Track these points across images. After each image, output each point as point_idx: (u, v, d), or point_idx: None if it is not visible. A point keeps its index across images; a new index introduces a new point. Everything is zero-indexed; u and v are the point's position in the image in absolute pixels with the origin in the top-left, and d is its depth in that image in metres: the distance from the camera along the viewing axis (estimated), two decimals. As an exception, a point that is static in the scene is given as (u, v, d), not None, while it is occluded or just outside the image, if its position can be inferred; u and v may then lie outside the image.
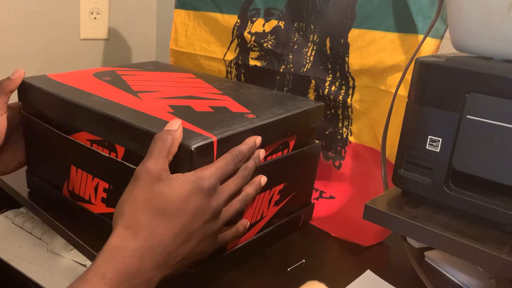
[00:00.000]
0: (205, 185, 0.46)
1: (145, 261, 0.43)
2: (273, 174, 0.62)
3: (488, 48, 0.52)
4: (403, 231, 0.58)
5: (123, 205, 0.46)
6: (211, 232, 0.48)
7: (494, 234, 0.50)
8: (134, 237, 0.43)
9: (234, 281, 0.59)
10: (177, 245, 0.45)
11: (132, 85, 0.68)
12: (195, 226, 0.46)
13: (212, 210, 0.47)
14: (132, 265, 0.42)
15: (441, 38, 0.70)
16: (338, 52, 0.79)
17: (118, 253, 0.42)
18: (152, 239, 0.44)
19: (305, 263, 0.63)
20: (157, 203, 0.45)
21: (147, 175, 0.46)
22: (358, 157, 0.82)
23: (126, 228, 0.44)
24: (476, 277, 0.61)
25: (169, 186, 0.45)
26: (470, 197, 0.52)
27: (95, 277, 0.40)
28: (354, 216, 0.72)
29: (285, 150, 0.63)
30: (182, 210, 0.45)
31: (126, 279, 0.41)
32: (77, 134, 0.61)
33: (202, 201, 0.46)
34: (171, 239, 0.44)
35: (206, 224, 0.47)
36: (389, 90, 0.75)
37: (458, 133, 0.51)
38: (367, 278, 0.61)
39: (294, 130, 0.64)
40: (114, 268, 0.41)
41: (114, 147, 0.57)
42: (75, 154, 0.62)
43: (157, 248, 0.44)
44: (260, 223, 0.63)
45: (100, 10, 1.19)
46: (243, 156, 0.51)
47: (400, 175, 0.57)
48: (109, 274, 0.41)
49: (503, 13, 0.48)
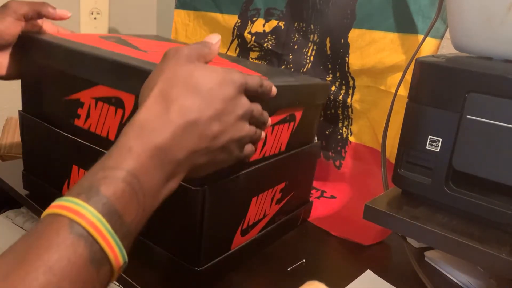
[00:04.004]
0: (236, 79, 0.43)
1: (176, 138, 0.39)
2: (276, 172, 0.62)
3: (488, 48, 0.52)
4: (403, 231, 0.58)
5: (152, 80, 0.41)
6: (240, 135, 0.44)
7: (494, 234, 0.50)
8: (165, 110, 0.39)
9: (234, 281, 0.59)
10: (211, 133, 0.41)
11: (138, 45, 0.67)
12: (228, 119, 0.42)
13: (244, 108, 0.44)
14: (162, 140, 0.38)
15: (441, 38, 0.70)
16: (338, 52, 0.79)
17: (146, 126, 0.38)
18: (184, 115, 0.39)
19: (305, 263, 0.63)
20: (190, 81, 0.41)
21: (178, 55, 0.42)
22: (358, 157, 0.83)
23: (156, 101, 0.39)
24: (476, 277, 0.61)
25: (201, 69, 0.42)
26: (470, 197, 0.52)
27: (121, 151, 0.36)
28: (355, 215, 0.73)
29: (291, 123, 0.63)
30: (216, 95, 0.41)
31: (155, 155, 0.37)
32: (82, 92, 0.60)
33: (235, 94, 0.42)
34: (204, 122, 0.40)
35: (237, 122, 0.43)
36: (389, 90, 0.75)
37: (458, 133, 0.51)
38: (367, 278, 0.61)
39: (302, 101, 0.64)
40: (143, 142, 0.37)
41: (122, 103, 0.55)
42: (77, 153, 0.62)
43: (189, 128, 0.39)
44: (263, 221, 0.64)
45: (100, 10, 1.19)
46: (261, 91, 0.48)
47: (400, 175, 0.57)
48: (137, 148, 0.36)
49: (503, 13, 0.48)
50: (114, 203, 0.34)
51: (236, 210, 0.58)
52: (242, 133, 0.44)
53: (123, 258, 0.34)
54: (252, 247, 0.63)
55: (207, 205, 0.51)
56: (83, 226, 0.31)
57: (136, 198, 0.35)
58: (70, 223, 0.31)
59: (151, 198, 0.37)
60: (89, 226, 0.32)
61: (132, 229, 0.35)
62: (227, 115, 0.42)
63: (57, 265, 0.30)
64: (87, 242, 0.31)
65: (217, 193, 0.52)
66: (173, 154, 0.39)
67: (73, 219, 0.32)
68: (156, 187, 0.38)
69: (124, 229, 0.34)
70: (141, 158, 0.36)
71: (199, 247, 0.53)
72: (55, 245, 0.30)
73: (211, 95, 0.41)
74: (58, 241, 0.31)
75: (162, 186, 0.39)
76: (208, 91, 0.41)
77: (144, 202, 0.36)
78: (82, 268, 0.31)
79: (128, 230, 0.35)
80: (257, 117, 0.47)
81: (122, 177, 0.35)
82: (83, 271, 0.31)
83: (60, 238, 0.31)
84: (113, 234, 0.33)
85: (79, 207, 0.32)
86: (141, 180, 0.36)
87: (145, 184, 0.36)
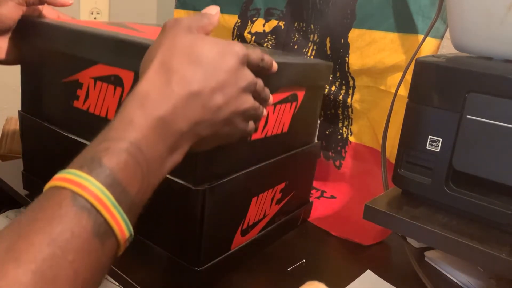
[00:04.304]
0: (239, 50, 0.42)
1: (178, 109, 0.38)
2: (276, 172, 0.62)
3: (488, 48, 0.52)
4: (403, 231, 0.58)
5: (152, 52, 0.40)
6: (244, 107, 0.43)
7: (494, 234, 0.50)
8: (166, 81, 0.38)
9: (234, 281, 0.59)
10: (214, 105, 0.40)
11: (137, 28, 0.67)
12: (232, 90, 0.41)
13: (247, 80, 0.43)
14: (164, 111, 0.37)
15: (441, 38, 0.70)
16: (338, 52, 0.79)
17: (147, 97, 0.37)
18: (186, 86, 0.38)
19: (305, 263, 0.63)
20: (191, 51, 0.40)
21: (178, 25, 0.41)
22: (358, 157, 0.83)
23: (156, 72, 0.39)
24: (476, 277, 0.61)
25: (202, 40, 0.41)
26: (470, 197, 0.52)
27: (123, 123, 0.36)
28: (355, 215, 0.73)
29: (293, 103, 0.63)
30: (218, 66, 0.40)
31: (157, 126, 0.36)
32: (81, 73, 0.59)
33: (237, 65, 0.41)
34: (207, 93, 0.39)
35: (241, 94, 0.42)
36: (389, 90, 0.75)
37: (458, 133, 0.51)
38: (367, 278, 0.61)
39: (304, 81, 0.64)
40: (144, 113, 0.36)
41: (120, 81, 0.55)
42: (77, 153, 0.62)
43: (191, 99, 0.38)
44: (263, 221, 0.64)
45: (100, 10, 1.19)
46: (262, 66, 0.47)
47: (400, 175, 0.57)
48: (139, 119, 0.36)
49: (503, 13, 0.48)
50: (117, 175, 0.33)
51: (236, 210, 0.58)
52: (246, 106, 0.43)
53: (128, 231, 0.34)
54: (252, 247, 0.63)
55: (207, 205, 0.51)
56: (86, 198, 0.31)
57: (140, 170, 0.35)
58: (73, 196, 0.31)
59: (155, 170, 0.37)
60: (92, 198, 0.31)
61: (137, 201, 0.35)
62: (230, 87, 0.41)
63: (60, 237, 0.29)
64: (90, 214, 0.31)
65: (217, 193, 0.52)
66: (176, 125, 0.38)
67: (76, 192, 0.31)
68: (160, 159, 0.37)
69: (129, 201, 0.34)
70: (143, 129, 0.36)
71: (199, 247, 0.53)
72: (58, 218, 0.30)
73: (213, 66, 0.40)
74: (61, 213, 0.30)
75: (166, 158, 0.38)
76: (210, 62, 0.40)
77: (148, 173, 0.36)
78: (86, 241, 0.30)
79: (133, 202, 0.34)
80: (259, 93, 0.46)
81: (125, 148, 0.34)
82: (88, 243, 0.30)
83: (63, 210, 0.30)
84: (117, 206, 0.32)
85: (81, 180, 0.31)
86: (144, 151, 0.35)
87: (149, 155, 0.36)
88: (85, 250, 0.30)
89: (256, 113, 0.46)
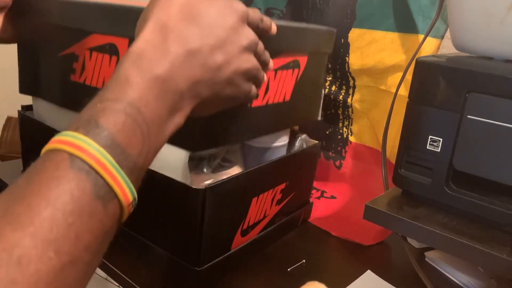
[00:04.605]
0: (239, 8, 0.41)
1: (176, 68, 0.36)
2: (276, 173, 0.62)
3: (489, 48, 0.52)
4: (403, 231, 0.58)
5: (147, 12, 0.39)
6: (246, 67, 0.42)
7: (494, 234, 0.50)
8: (162, 40, 0.37)
9: (235, 281, 0.59)
10: (214, 63, 0.39)
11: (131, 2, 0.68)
12: (232, 49, 0.40)
13: (249, 38, 0.41)
14: (162, 70, 0.36)
15: (441, 38, 0.70)
16: (339, 52, 0.79)
17: (143, 55, 0.36)
18: (184, 44, 0.37)
19: (305, 263, 0.63)
20: (188, 9, 0.38)
21: None
22: (358, 157, 0.83)
23: (152, 31, 0.37)
24: (476, 277, 0.61)
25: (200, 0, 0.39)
26: (470, 197, 0.52)
27: (119, 83, 0.34)
28: (355, 215, 0.72)
29: (296, 70, 0.62)
30: (217, 24, 0.39)
31: (155, 85, 0.35)
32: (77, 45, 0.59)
33: (238, 23, 0.40)
34: (206, 51, 0.38)
35: (243, 53, 0.41)
36: (390, 90, 0.75)
37: (458, 133, 0.51)
38: (368, 278, 0.61)
39: (306, 47, 0.63)
40: (141, 72, 0.35)
41: (115, 49, 0.54)
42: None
43: (190, 57, 0.37)
44: (263, 222, 0.63)
45: None
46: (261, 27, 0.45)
47: (400, 175, 0.57)
48: (135, 79, 0.34)
49: (503, 13, 0.48)
50: (116, 136, 0.32)
51: (236, 210, 0.58)
52: (248, 65, 0.42)
53: (131, 194, 0.32)
54: (252, 248, 0.62)
55: (207, 205, 0.51)
56: (84, 160, 0.30)
57: (139, 130, 0.33)
58: (70, 158, 0.30)
59: (156, 132, 0.35)
60: (90, 160, 0.30)
61: (140, 163, 0.33)
62: (231, 45, 0.40)
63: (59, 199, 0.28)
64: (89, 176, 0.30)
65: (217, 193, 0.52)
66: (174, 84, 0.36)
67: (73, 153, 0.30)
68: (160, 120, 0.36)
69: (130, 163, 0.32)
70: (140, 88, 0.34)
71: (199, 247, 0.53)
72: (55, 180, 0.29)
73: (212, 24, 0.39)
74: (58, 175, 0.29)
75: (166, 119, 0.36)
76: (209, 19, 0.39)
77: (149, 135, 0.34)
78: (87, 203, 0.29)
79: (135, 164, 0.33)
80: (259, 55, 0.44)
81: (122, 109, 0.33)
82: (88, 206, 0.29)
83: (60, 172, 0.29)
84: (117, 167, 0.31)
85: (78, 141, 0.30)
86: (143, 111, 0.34)
87: (148, 116, 0.34)
88: (86, 212, 0.29)
89: (258, 75, 0.44)
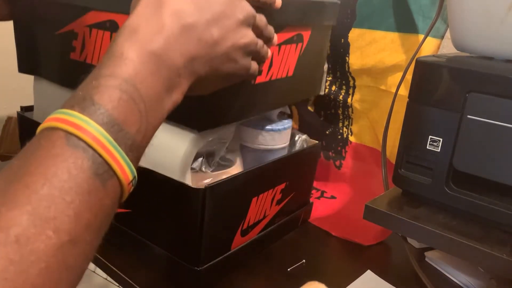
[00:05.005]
0: None
1: (171, 43, 0.36)
2: (276, 173, 0.62)
3: (489, 48, 0.52)
4: (403, 231, 0.58)
5: None
6: (244, 41, 0.41)
7: (494, 234, 0.50)
8: (157, 15, 0.36)
9: (235, 281, 0.59)
10: (210, 38, 0.38)
11: None
12: (228, 23, 0.39)
13: (245, 11, 0.41)
14: (157, 45, 0.35)
15: (441, 38, 0.70)
16: (339, 51, 0.79)
17: (137, 30, 0.35)
18: (178, 19, 0.37)
19: (305, 263, 0.63)
20: None
21: None
22: (358, 157, 0.82)
23: (146, 6, 0.36)
24: (477, 277, 0.61)
25: None
26: (470, 197, 0.52)
27: (113, 59, 0.34)
28: (355, 215, 0.72)
29: (299, 44, 0.61)
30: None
31: (150, 61, 0.34)
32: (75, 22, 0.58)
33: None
34: (201, 25, 0.38)
35: (239, 27, 0.41)
36: (390, 90, 0.75)
37: (458, 133, 0.51)
38: (368, 278, 0.61)
39: (309, 20, 0.62)
40: (135, 48, 0.34)
41: (116, 26, 0.53)
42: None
43: (185, 32, 0.37)
44: (263, 222, 0.63)
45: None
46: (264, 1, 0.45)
47: (400, 175, 0.57)
48: (130, 54, 0.34)
49: (503, 13, 0.48)
50: (112, 113, 0.31)
51: (236, 210, 0.58)
52: (246, 40, 0.41)
53: (131, 172, 0.32)
54: (252, 248, 0.62)
55: (207, 205, 0.51)
56: (80, 137, 0.29)
57: (136, 107, 0.33)
58: (66, 136, 0.29)
59: (154, 109, 0.34)
60: (87, 138, 0.29)
61: (138, 141, 0.33)
62: (227, 19, 0.39)
63: (56, 178, 0.27)
64: (86, 153, 0.29)
65: (217, 193, 0.52)
66: (170, 60, 0.36)
67: (69, 131, 0.29)
68: (157, 97, 0.35)
69: (128, 141, 0.32)
70: (136, 64, 0.34)
71: (199, 247, 0.53)
72: (52, 158, 0.28)
73: (207, 1, 0.38)
74: (55, 153, 0.28)
75: (164, 96, 0.36)
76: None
77: (146, 112, 0.33)
78: (85, 181, 0.28)
79: (133, 142, 0.32)
80: (262, 29, 0.44)
81: (117, 85, 0.32)
82: (86, 184, 0.28)
83: (57, 150, 0.28)
84: (115, 145, 0.30)
85: (74, 118, 0.29)
86: (139, 88, 0.33)
87: (144, 92, 0.33)
88: (85, 190, 0.28)
89: (257, 50, 0.44)
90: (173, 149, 0.52)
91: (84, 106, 0.30)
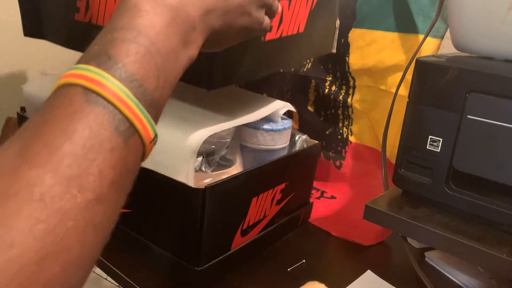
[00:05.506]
0: None
1: None
2: (276, 173, 0.62)
3: (489, 48, 0.52)
4: (403, 231, 0.58)
5: None
6: None
7: (494, 234, 0.50)
8: None
9: (235, 281, 0.59)
10: None
11: None
12: None
13: None
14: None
15: (441, 38, 0.70)
16: (339, 51, 0.79)
17: None
18: None
19: (305, 263, 0.63)
20: None
21: None
22: (358, 157, 0.82)
23: None
24: (477, 277, 0.61)
25: None
26: (470, 197, 0.52)
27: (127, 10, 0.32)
28: (355, 215, 0.72)
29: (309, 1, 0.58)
30: None
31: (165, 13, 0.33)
32: None
33: None
34: None
35: None
36: (390, 90, 0.75)
37: (458, 133, 0.51)
38: (368, 278, 0.61)
39: None
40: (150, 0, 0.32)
41: None
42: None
43: None
44: (263, 222, 0.63)
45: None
46: None
47: (400, 175, 0.57)
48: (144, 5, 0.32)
49: (503, 13, 0.48)
50: (130, 67, 0.29)
51: (236, 210, 0.58)
52: None
53: (152, 130, 0.30)
54: (252, 248, 0.62)
55: (207, 205, 0.51)
56: (99, 93, 0.27)
57: (153, 62, 0.31)
58: (84, 92, 0.27)
59: (170, 64, 0.33)
60: (106, 93, 0.27)
61: (157, 98, 0.31)
62: None
63: (77, 135, 0.26)
64: (107, 110, 0.27)
65: (217, 193, 0.52)
66: (185, 13, 0.34)
67: (87, 87, 0.27)
68: (174, 51, 0.33)
69: (148, 97, 0.30)
70: (150, 16, 0.32)
71: (199, 247, 0.53)
72: (71, 116, 0.27)
73: None
74: (74, 110, 0.27)
75: (180, 50, 0.34)
76: None
77: (164, 68, 0.32)
78: (107, 138, 0.27)
79: (153, 99, 0.30)
80: None
81: (132, 38, 0.30)
82: (109, 141, 0.27)
83: (76, 107, 0.27)
84: (136, 101, 0.29)
85: (91, 73, 0.28)
86: (155, 41, 0.31)
87: (160, 45, 0.32)
88: (107, 148, 0.27)
89: (270, 3, 0.43)
90: (173, 149, 0.52)
91: (100, 61, 0.29)
